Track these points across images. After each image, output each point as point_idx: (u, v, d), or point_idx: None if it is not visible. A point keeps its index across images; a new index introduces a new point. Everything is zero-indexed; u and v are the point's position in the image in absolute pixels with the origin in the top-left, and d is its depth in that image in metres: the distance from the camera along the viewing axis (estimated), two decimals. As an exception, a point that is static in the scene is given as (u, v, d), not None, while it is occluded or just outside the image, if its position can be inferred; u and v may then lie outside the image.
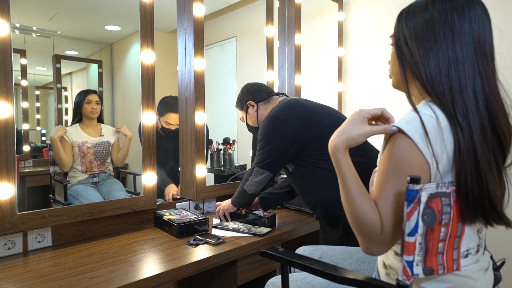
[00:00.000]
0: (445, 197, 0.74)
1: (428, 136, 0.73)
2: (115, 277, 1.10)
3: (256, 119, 1.66)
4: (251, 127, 1.72)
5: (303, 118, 1.47)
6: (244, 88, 1.72)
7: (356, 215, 0.78)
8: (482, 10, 0.79)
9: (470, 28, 0.78)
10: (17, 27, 2.12)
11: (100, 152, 2.03)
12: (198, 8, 1.72)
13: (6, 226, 1.25)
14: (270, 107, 1.62)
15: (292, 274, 1.13)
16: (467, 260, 0.80)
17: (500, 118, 0.77)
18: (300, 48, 2.40)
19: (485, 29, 0.79)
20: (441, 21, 0.78)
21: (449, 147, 0.74)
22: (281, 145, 1.45)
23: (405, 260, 0.70)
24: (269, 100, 1.66)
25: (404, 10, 0.86)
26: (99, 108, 2.06)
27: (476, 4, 0.79)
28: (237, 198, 1.62)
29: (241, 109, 1.71)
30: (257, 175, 1.51)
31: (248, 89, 1.69)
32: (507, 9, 1.93)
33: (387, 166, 0.77)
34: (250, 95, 1.67)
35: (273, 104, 1.64)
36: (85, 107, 2.02)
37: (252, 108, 1.66)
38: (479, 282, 0.81)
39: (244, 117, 1.72)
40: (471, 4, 0.78)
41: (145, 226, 1.67)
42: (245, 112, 1.69)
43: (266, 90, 1.68)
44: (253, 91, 1.67)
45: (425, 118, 0.74)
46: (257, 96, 1.66)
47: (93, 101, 2.03)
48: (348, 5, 2.71)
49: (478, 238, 0.82)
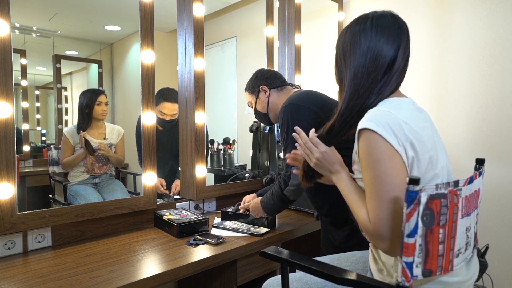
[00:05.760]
0: (443, 198, 0.74)
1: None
2: (115, 277, 1.10)
3: (266, 105, 1.63)
4: (260, 113, 1.68)
5: (323, 107, 1.42)
6: (257, 72, 1.68)
7: (353, 213, 0.90)
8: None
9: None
10: (17, 27, 2.11)
11: (103, 155, 2.01)
12: (198, 8, 1.72)
13: (6, 226, 1.25)
14: (283, 96, 1.60)
15: (289, 274, 1.13)
16: (458, 259, 0.81)
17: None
18: (300, 48, 2.40)
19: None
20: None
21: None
22: (307, 133, 1.39)
23: (404, 261, 0.70)
24: (282, 88, 1.63)
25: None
26: (108, 109, 2.01)
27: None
28: (273, 205, 1.49)
29: (252, 93, 1.67)
30: (296, 177, 1.36)
31: (263, 74, 1.66)
32: (507, 9, 1.93)
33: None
34: (263, 80, 1.64)
35: (286, 93, 1.61)
36: (96, 109, 1.96)
37: (264, 94, 1.63)
38: (460, 276, 0.84)
39: (253, 102, 1.68)
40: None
41: (145, 226, 1.67)
42: (255, 97, 1.66)
43: (280, 78, 1.66)
44: (268, 77, 1.64)
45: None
46: (271, 82, 1.63)
47: (103, 102, 1.98)
48: (348, 5, 2.71)
49: (466, 236, 0.84)
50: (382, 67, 0.91)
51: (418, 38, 2.29)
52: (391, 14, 0.95)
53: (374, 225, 0.81)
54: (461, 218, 0.80)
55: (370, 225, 0.83)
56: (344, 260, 1.20)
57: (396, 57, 0.91)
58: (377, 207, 0.80)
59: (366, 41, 0.92)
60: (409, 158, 0.82)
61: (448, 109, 2.18)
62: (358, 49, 0.93)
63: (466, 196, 0.81)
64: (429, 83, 2.26)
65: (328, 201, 1.46)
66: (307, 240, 2.11)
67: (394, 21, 0.93)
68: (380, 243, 0.81)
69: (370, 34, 0.92)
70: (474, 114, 2.07)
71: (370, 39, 0.92)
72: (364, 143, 0.83)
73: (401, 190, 0.78)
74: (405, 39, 0.93)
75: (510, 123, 1.94)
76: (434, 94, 2.25)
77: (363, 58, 0.92)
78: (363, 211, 0.86)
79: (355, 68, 0.93)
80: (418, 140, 0.83)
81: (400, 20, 0.95)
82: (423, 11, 2.29)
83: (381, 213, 0.79)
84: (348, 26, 0.99)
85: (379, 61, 0.91)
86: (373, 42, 0.91)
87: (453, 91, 2.16)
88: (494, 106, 1.99)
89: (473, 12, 2.06)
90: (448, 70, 2.18)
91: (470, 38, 2.07)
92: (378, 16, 0.94)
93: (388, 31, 0.92)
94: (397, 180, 0.79)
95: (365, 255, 1.20)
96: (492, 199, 1.99)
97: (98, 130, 2.01)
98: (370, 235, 0.84)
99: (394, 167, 0.80)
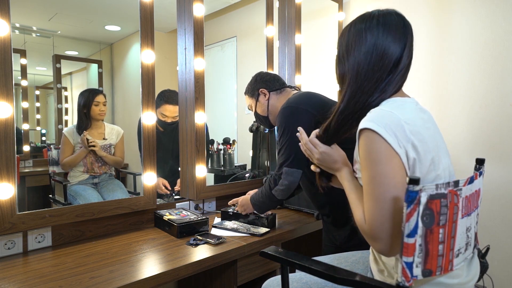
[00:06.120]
0: (443, 198, 0.74)
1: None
2: (115, 277, 1.10)
3: (266, 108, 1.64)
4: (260, 116, 1.69)
5: (322, 109, 1.42)
6: (257, 76, 1.70)
7: (352, 212, 0.91)
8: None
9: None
10: (17, 27, 2.11)
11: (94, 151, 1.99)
12: (198, 8, 1.72)
13: (6, 226, 1.25)
14: (282, 98, 1.61)
15: (289, 274, 1.13)
16: (458, 259, 0.81)
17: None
18: (300, 48, 2.40)
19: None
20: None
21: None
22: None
23: (404, 262, 0.70)
24: (281, 91, 1.65)
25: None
26: (106, 109, 2.01)
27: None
28: (261, 203, 1.52)
29: (252, 96, 1.68)
30: (287, 177, 1.39)
31: (262, 77, 1.67)
32: (507, 9, 1.93)
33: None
34: (263, 83, 1.65)
35: (285, 96, 1.62)
36: (94, 109, 1.96)
37: (264, 97, 1.64)
38: (461, 277, 0.84)
39: (253, 105, 1.69)
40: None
41: (145, 226, 1.67)
42: (255, 100, 1.67)
43: (279, 80, 1.68)
44: (267, 80, 1.65)
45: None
46: (271, 85, 1.64)
47: (101, 102, 1.98)
48: (348, 5, 2.71)
49: (466, 237, 0.84)
50: (388, 65, 0.90)
51: (418, 38, 2.27)
52: (396, 13, 0.94)
53: (369, 226, 0.81)
54: (461, 218, 0.80)
55: (365, 225, 0.83)
56: (344, 260, 1.20)
57: (401, 56, 0.91)
58: (373, 207, 0.80)
59: (372, 39, 0.91)
60: (410, 160, 0.82)
61: (448, 109, 2.18)
62: (364, 46, 0.92)
63: (466, 196, 0.81)
64: (429, 83, 2.26)
65: (329, 200, 1.47)
66: (307, 240, 2.11)
67: (400, 20, 0.93)
68: (375, 244, 0.81)
69: (377, 32, 0.91)
70: (474, 114, 2.07)
71: (377, 37, 0.91)
72: (364, 143, 0.83)
73: (398, 191, 0.78)
74: (410, 38, 0.93)
75: (510, 123, 1.94)
76: (434, 94, 2.25)
77: (369, 56, 0.91)
78: (360, 211, 0.87)
79: (359, 65, 0.92)
80: (420, 141, 0.83)
81: (406, 19, 0.94)
82: (423, 11, 2.29)
83: (376, 214, 0.79)
84: (352, 24, 0.98)
85: (385, 60, 0.90)
86: (380, 40, 0.90)
87: (453, 91, 2.16)
88: (494, 106, 1.99)
89: (473, 12, 2.06)
90: (448, 70, 2.18)
91: (470, 38, 2.07)
92: (384, 14, 0.93)
93: (395, 29, 0.91)
94: (395, 181, 0.79)
95: (365, 255, 1.20)
96: (492, 199, 1.99)
97: (97, 130, 2.01)
98: (365, 235, 0.85)
99: (393, 169, 0.79)
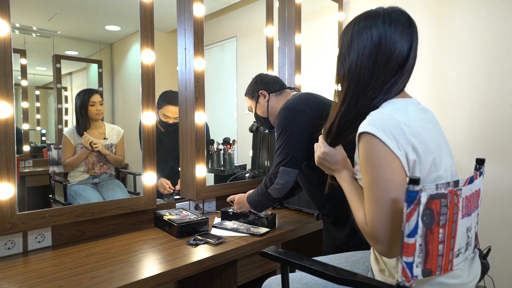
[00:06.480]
0: (443, 198, 0.74)
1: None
2: (115, 277, 1.10)
3: (266, 110, 1.65)
4: (260, 117, 1.70)
5: (320, 110, 1.43)
6: (257, 77, 1.71)
7: (353, 213, 0.92)
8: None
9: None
10: (17, 27, 2.11)
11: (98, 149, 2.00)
12: (198, 8, 1.72)
13: (6, 226, 1.25)
14: (281, 100, 1.62)
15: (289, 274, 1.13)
16: (458, 259, 0.81)
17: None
18: (300, 48, 2.40)
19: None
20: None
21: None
22: (302, 136, 1.41)
23: (404, 262, 0.70)
24: (281, 92, 1.66)
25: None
26: (103, 108, 2.02)
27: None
28: (257, 201, 1.54)
29: (251, 98, 1.69)
30: (283, 176, 1.41)
31: (262, 79, 1.68)
32: (507, 9, 1.93)
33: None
34: (262, 84, 1.66)
35: (285, 97, 1.63)
36: (91, 109, 1.97)
37: (263, 98, 1.65)
38: (462, 278, 0.84)
39: (253, 107, 1.71)
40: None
41: (145, 226, 1.67)
42: (255, 102, 1.68)
43: (279, 82, 1.69)
44: (267, 81, 1.67)
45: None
46: (270, 86, 1.65)
47: (97, 102, 1.99)
48: (348, 5, 2.70)
49: (467, 236, 0.84)
50: (394, 66, 0.88)
51: (418, 38, 2.28)
52: (402, 11, 0.91)
53: (371, 227, 0.81)
54: (461, 218, 0.80)
55: (366, 227, 0.83)
56: (344, 260, 1.20)
57: (408, 56, 0.89)
58: (374, 210, 0.80)
59: (378, 38, 0.87)
60: (410, 162, 0.81)
61: (448, 109, 2.18)
62: (368, 45, 0.88)
63: (466, 196, 0.81)
64: (429, 83, 2.26)
65: (329, 200, 1.47)
66: (307, 240, 2.11)
67: (406, 18, 0.89)
68: (376, 245, 0.81)
69: (383, 30, 0.87)
70: (474, 114, 2.07)
71: (384, 36, 0.86)
72: (363, 146, 0.83)
73: (399, 194, 0.78)
74: (416, 39, 0.90)
75: (510, 123, 1.94)
76: (434, 94, 2.25)
77: (373, 56, 0.87)
78: (361, 212, 0.87)
79: (362, 66, 0.89)
80: (421, 143, 0.82)
81: (411, 17, 0.91)
82: (423, 11, 2.29)
83: (378, 216, 0.79)
84: (356, 21, 0.93)
85: (391, 60, 0.87)
86: (386, 39, 0.86)
87: (453, 91, 2.16)
88: (494, 106, 1.98)
89: (473, 12, 2.06)
90: (448, 70, 2.18)
91: (470, 38, 2.07)
92: (389, 12, 0.89)
93: (401, 27, 0.87)
94: (395, 185, 0.79)
95: (366, 255, 1.20)
96: (492, 199, 1.99)
97: (97, 130, 2.01)
98: (367, 236, 0.85)
99: (393, 172, 0.79)
